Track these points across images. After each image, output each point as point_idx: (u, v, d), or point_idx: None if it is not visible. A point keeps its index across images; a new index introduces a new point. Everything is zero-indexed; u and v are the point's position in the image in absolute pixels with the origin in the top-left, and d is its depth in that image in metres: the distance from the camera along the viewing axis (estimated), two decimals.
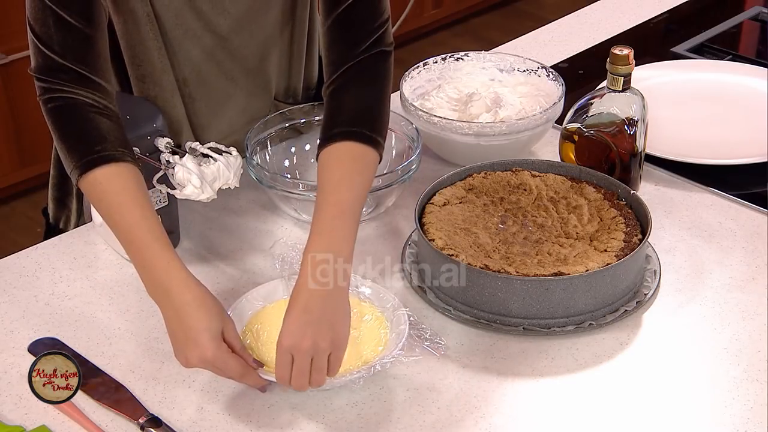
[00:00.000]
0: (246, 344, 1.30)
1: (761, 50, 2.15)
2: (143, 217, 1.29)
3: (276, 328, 1.25)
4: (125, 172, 1.31)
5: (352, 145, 1.35)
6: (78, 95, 1.32)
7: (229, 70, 1.59)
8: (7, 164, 3.20)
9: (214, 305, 1.26)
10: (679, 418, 1.26)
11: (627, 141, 1.54)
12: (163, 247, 1.28)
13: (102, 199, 1.31)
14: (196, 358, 1.23)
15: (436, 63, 1.80)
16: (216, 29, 1.53)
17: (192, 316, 1.24)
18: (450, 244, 1.40)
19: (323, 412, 1.26)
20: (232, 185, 1.41)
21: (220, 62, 1.58)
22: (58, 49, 1.32)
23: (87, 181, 1.31)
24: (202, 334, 1.23)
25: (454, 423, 1.25)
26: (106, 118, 1.33)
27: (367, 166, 1.36)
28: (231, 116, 1.64)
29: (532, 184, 1.53)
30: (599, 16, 2.21)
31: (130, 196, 1.30)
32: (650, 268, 1.45)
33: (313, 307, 1.24)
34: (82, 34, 1.33)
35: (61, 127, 1.33)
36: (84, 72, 1.33)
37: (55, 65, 1.32)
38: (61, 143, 1.33)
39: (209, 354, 1.22)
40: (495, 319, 1.37)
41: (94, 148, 1.31)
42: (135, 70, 1.55)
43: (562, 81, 1.72)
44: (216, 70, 1.58)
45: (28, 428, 1.24)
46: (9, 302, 1.44)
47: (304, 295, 1.24)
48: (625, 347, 1.36)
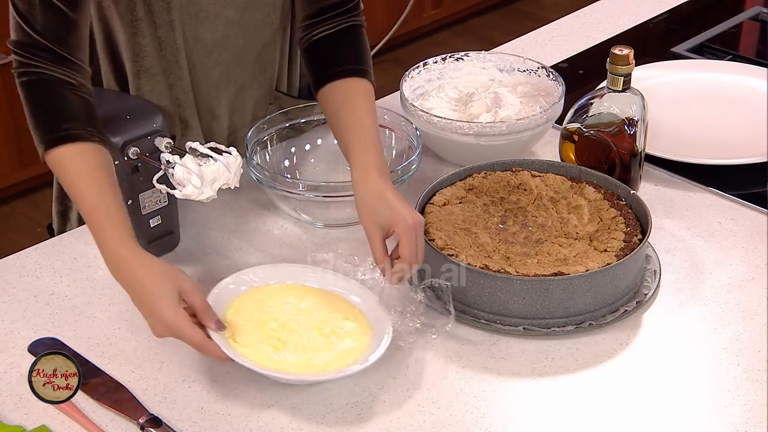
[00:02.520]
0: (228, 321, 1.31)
1: (761, 50, 2.15)
2: (100, 197, 1.31)
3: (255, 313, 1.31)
4: (88, 152, 1.33)
5: (363, 81, 1.49)
6: (53, 72, 1.34)
7: (233, 59, 1.59)
8: (7, 164, 3.20)
9: (168, 271, 1.27)
10: (679, 417, 1.26)
11: (627, 141, 1.54)
12: (118, 226, 1.30)
13: (64, 177, 1.34)
14: (159, 326, 1.25)
15: (436, 63, 1.80)
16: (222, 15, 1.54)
17: (146, 285, 1.26)
18: (450, 244, 1.40)
19: (323, 412, 1.26)
20: (232, 185, 1.41)
21: (224, 51, 1.58)
22: (39, 28, 1.34)
23: (51, 158, 1.34)
24: (157, 301, 1.25)
25: (454, 423, 1.25)
26: (79, 96, 1.35)
27: (374, 102, 1.50)
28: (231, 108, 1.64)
29: (532, 184, 1.53)
30: (599, 16, 2.21)
31: (89, 176, 1.32)
32: (650, 268, 1.45)
33: (399, 196, 1.37)
34: (66, 17, 1.35)
35: (33, 101, 1.36)
36: (62, 53, 1.35)
37: (35, 43, 1.34)
38: (31, 117, 1.36)
39: (168, 319, 1.24)
40: (495, 319, 1.37)
41: (62, 125, 1.33)
42: (132, 66, 1.55)
43: (562, 81, 1.72)
44: (217, 60, 1.58)
45: (28, 428, 1.24)
46: (9, 302, 1.44)
47: (388, 184, 1.37)
48: (625, 347, 1.36)
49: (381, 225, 1.36)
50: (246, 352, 1.28)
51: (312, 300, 1.37)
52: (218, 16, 1.54)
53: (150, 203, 1.47)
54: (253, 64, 1.62)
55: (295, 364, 1.28)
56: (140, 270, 1.27)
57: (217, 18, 1.54)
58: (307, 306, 1.36)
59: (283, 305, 1.35)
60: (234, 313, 1.33)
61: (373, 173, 1.39)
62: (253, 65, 1.62)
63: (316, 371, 1.28)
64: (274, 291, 1.38)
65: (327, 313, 1.35)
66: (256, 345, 1.29)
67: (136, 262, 1.28)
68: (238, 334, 1.30)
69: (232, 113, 1.66)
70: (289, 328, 1.32)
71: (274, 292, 1.38)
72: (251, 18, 1.57)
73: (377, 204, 1.36)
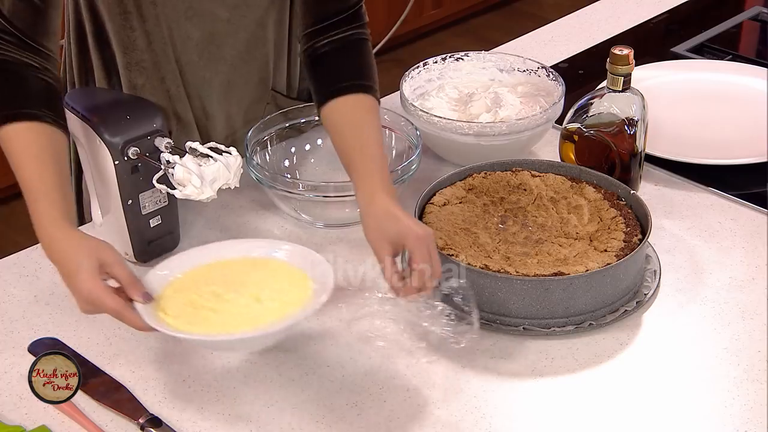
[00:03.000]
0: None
1: (761, 50, 2.15)
2: (40, 177, 1.30)
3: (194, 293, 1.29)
4: (35, 130, 1.33)
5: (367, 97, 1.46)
6: (17, 55, 1.35)
7: (223, 57, 1.59)
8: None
9: (90, 244, 1.26)
10: (679, 417, 1.26)
11: (627, 141, 1.54)
12: (52, 206, 1.29)
13: (10, 155, 1.34)
14: (80, 299, 1.25)
15: (436, 63, 1.80)
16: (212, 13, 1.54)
17: (68, 258, 1.26)
18: (450, 244, 1.40)
19: (323, 412, 1.26)
20: (232, 185, 1.40)
21: (213, 49, 1.58)
22: (7, 15, 1.35)
23: (1, 135, 1.34)
24: (76, 273, 1.24)
25: (454, 423, 1.25)
26: (40, 78, 1.35)
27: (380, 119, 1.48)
28: (226, 107, 1.64)
29: (532, 184, 1.53)
30: (599, 16, 2.21)
31: (35, 156, 1.32)
32: (650, 268, 1.45)
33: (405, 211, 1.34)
34: (36, 6, 1.35)
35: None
36: (28, 41, 1.35)
37: (2, 28, 1.35)
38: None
39: (85, 291, 1.23)
40: (495, 319, 1.37)
41: (16, 104, 1.33)
42: (123, 57, 1.56)
43: (562, 81, 1.72)
44: (208, 57, 1.58)
45: (28, 428, 1.24)
46: (9, 302, 1.44)
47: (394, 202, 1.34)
48: (625, 347, 1.36)
49: (390, 240, 1.31)
50: (176, 323, 1.25)
51: (242, 270, 1.33)
52: (207, 14, 1.54)
53: (150, 203, 1.47)
54: (245, 65, 1.62)
55: (233, 326, 1.25)
56: (64, 245, 1.26)
57: (205, 16, 1.54)
58: (238, 277, 1.32)
59: (214, 282, 1.32)
60: (165, 297, 1.30)
61: (380, 194, 1.35)
62: (244, 65, 1.62)
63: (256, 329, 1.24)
64: (203, 271, 1.34)
65: (261, 278, 1.32)
66: (189, 315, 1.26)
67: (62, 238, 1.27)
68: (169, 308, 1.27)
69: (227, 113, 1.65)
70: (224, 299, 1.29)
71: (202, 273, 1.34)
72: (242, 18, 1.57)
73: (384, 220, 1.33)
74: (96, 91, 1.59)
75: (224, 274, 1.33)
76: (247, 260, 1.35)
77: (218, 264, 1.35)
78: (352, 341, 1.36)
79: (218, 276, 1.33)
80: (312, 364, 1.33)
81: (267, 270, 1.33)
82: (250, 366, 1.33)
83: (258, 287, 1.30)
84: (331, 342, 1.37)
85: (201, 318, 1.26)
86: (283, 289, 1.30)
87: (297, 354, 1.35)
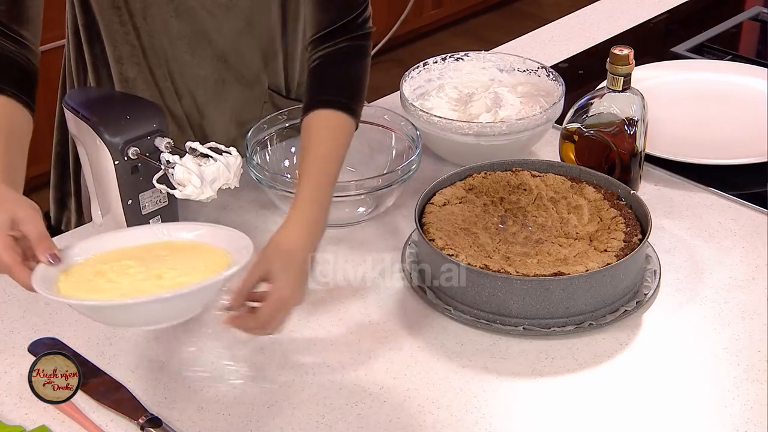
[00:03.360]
0: None
1: (761, 50, 2.15)
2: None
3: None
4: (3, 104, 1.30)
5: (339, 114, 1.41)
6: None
7: (213, 54, 1.60)
8: None
9: (9, 197, 1.21)
10: (679, 418, 1.26)
11: (627, 141, 1.54)
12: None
13: None
14: None
15: (436, 63, 1.80)
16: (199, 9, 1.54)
17: None
18: (450, 244, 1.40)
19: (323, 412, 1.26)
20: (232, 185, 1.41)
21: (204, 45, 1.58)
22: None
23: None
24: None
25: (454, 423, 1.25)
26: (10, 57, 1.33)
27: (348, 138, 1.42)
28: (221, 106, 1.64)
29: (532, 184, 1.53)
30: (599, 16, 2.21)
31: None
32: (650, 268, 1.45)
33: (305, 266, 1.29)
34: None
35: None
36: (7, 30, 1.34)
37: None
38: None
39: None
40: (495, 319, 1.37)
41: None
42: (113, 51, 1.56)
43: (562, 81, 1.72)
44: (199, 54, 1.58)
45: (28, 428, 1.24)
46: (9, 302, 1.44)
47: (306, 243, 1.30)
48: (625, 347, 1.36)
49: (267, 270, 1.26)
50: (65, 288, 1.19)
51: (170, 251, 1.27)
52: (197, 11, 1.54)
53: (150, 203, 1.47)
54: (236, 62, 1.62)
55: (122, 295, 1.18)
56: None
57: (195, 13, 1.54)
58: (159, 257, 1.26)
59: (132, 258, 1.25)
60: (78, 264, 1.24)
61: (296, 227, 1.31)
62: (235, 63, 1.62)
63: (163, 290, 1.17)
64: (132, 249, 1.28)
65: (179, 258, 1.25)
66: (85, 283, 1.21)
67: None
68: (73, 273, 1.22)
69: (222, 112, 1.65)
70: (128, 273, 1.23)
71: (131, 251, 1.28)
72: (233, 18, 1.57)
73: (280, 253, 1.28)
74: (96, 91, 1.59)
75: (149, 254, 1.26)
76: (176, 243, 1.28)
77: (153, 245, 1.28)
78: (353, 341, 1.37)
79: (141, 254, 1.26)
80: (312, 364, 1.33)
81: (190, 252, 1.27)
82: (250, 366, 1.33)
83: (169, 266, 1.24)
84: (331, 342, 1.37)
85: (93, 286, 1.20)
86: (196, 268, 1.23)
87: (297, 354, 1.35)
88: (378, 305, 1.42)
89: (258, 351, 1.35)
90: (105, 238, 1.30)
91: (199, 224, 1.36)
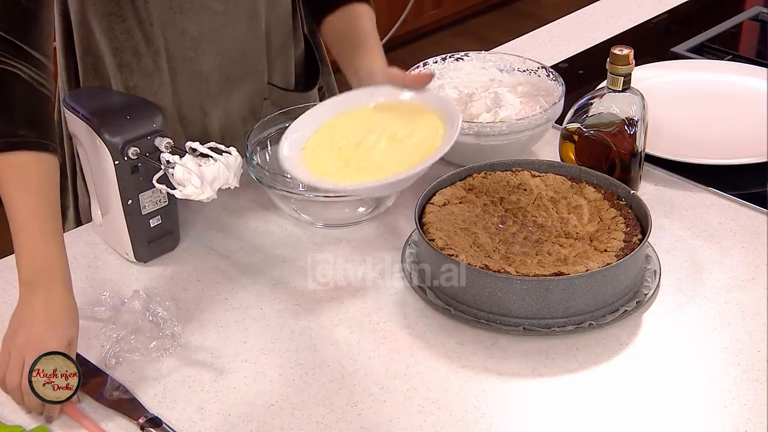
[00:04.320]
0: None
1: (761, 50, 2.15)
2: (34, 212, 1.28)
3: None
4: (26, 163, 1.29)
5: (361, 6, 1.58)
6: (13, 67, 1.31)
7: (219, 51, 1.59)
8: None
9: (77, 313, 1.28)
10: (679, 418, 1.26)
11: (627, 141, 1.54)
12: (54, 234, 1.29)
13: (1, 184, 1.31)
14: (12, 346, 1.24)
15: (436, 63, 1.80)
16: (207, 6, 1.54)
17: (57, 314, 1.26)
18: (450, 244, 1.40)
19: (323, 412, 1.26)
20: (232, 185, 1.41)
21: (210, 43, 1.58)
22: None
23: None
24: (52, 333, 1.25)
25: (454, 423, 1.25)
26: (35, 96, 1.32)
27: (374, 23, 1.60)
28: (224, 103, 1.64)
29: (532, 184, 1.53)
30: (599, 16, 2.21)
31: (21, 188, 1.29)
32: (650, 268, 1.45)
33: None
34: (27, 9, 1.32)
35: None
36: (23, 46, 1.32)
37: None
38: None
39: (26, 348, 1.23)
40: (495, 319, 1.37)
41: (7, 130, 1.29)
42: (113, 59, 1.56)
43: (562, 81, 1.72)
44: (205, 52, 1.58)
45: (28, 428, 1.24)
46: (9, 302, 1.44)
47: None
48: (625, 347, 1.36)
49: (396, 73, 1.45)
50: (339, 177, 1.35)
51: (378, 114, 1.44)
52: (203, 7, 1.54)
53: (150, 203, 1.47)
54: (242, 58, 1.62)
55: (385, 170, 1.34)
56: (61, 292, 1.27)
57: (202, 10, 1.54)
58: (376, 121, 1.42)
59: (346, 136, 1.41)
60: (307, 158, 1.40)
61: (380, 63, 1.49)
62: (242, 59, 1.62)
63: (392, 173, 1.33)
64: (332, 126, 1.44)
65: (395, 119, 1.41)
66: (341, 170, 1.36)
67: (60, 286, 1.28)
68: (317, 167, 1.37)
69: (225, 109, 1.65)
70: (364, 146, 1.39)
71: (332, 128, 1.44)
72: (237, 10, 1.57)
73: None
74: (96, 91, 1.59)
75: (369, 120, 1.43)
76: (368, 108, 1.45)
77: (344, 116, 1.45)
78: (353, 341, 1.37)
79: (349, 127, 1.43)
80: (312, 364, 1.33)
81: (391, 111, 1.43)
82: (251, 366, 1.33)
83: (395, 128, 1.40)
84: (331, 342, 1.37)
85: (355, 166, 1.36)
86: (417, 124, 1.39)
87: (297, 354, 1.35)
88: (378, 305, 1.42)
89: (258, 351, 1.35)
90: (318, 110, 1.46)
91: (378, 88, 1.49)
